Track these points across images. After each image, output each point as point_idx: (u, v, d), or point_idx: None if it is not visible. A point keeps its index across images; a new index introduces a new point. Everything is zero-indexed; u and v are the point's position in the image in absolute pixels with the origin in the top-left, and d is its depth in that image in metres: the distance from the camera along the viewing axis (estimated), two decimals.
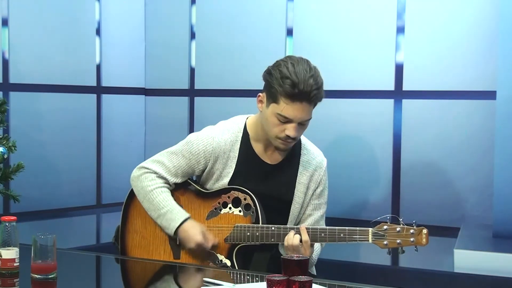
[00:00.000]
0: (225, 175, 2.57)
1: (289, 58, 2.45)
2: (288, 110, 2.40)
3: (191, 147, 2.57)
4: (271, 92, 2.43)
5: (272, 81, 2.42)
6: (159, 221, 2.55)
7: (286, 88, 2.37)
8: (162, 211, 2.53)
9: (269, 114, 2.46)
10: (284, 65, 2.41)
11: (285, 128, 2.44)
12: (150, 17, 4.42)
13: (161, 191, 2.56)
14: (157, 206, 2.54)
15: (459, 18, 3.53)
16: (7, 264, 2.12)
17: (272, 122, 2.45)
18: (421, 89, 3.63)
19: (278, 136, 2.47)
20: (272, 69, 2.45)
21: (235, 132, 2.59)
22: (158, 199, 2.55)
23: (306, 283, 1.78)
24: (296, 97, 2.38)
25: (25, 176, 3.28)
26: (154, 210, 2.56)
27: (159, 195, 2.55)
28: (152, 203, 2.56)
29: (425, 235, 2.34)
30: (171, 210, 2.53)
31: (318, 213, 2.64)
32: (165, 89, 4.40)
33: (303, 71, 2.38)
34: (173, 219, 2.52)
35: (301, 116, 2.42)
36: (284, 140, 2.47)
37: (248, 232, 2.49)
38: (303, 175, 2.61)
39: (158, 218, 2.55)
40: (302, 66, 2.40)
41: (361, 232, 2.39)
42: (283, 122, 2.43)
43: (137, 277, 2.52)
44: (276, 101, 2.42)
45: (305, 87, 2.37)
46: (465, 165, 3.52)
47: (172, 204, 2.55)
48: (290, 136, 2.44)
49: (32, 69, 3.93)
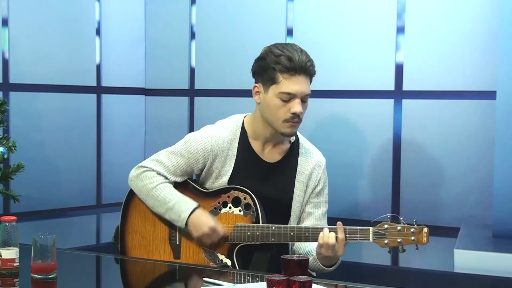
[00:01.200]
0: (224, 173, 2.57)
1: (274, 44, 2.53)
2: (289, 85, 2.44)
3: (189, 146, 2.58)
4: (267, 75, 2.47)
5: (266, 64, 2.47)
6: (168, 215, 2.54)
7: (283, 63, 2.44)
8: (170, 205, 2.53)
9: (270, 98, 2.48)
10: (273, 48, 2.50)
11: (290, 107, 2.46)
12: (150, 17, 4.42)
13: (164, 186, 2.56)
14: (163, 201, 2.54)
15: (459, 18, 3.53)
16: (7, 264, 2.12)
17: (275, 105, 2.47)
18: (421, 89, 3.63)
19: (284, 118, 2.47)
20: (263, 55, 2.50)
21: (233, 130, 2.59)
22: (163, 194, 2.55)
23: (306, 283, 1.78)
24: (294, 70, 2.44)
25: (25, 176, 3.28)
26: (160, 206, 2.55)
27: (163, 190, 2.55)
28: (157, 199, 2.55)
29: (425, 234, 2.34)
30: (179, 202, 2.53)
31: (318, 211, 2.64)
32: (165, 89, 4.40)
33: (292, 48, 2.48)
34: (182, 211, 2.51)
35: (302, 89, 2.46)
36: (291, 121, 2.48)
37: (248, 231, 2.50)
38: (301, 174, 2.61)
39: (166, 212, 2.54)
40: (290, 45, 2.50)
41: (362, 231, 2.39)
42: (286, 101, 2.46)
43: (137, 277, 2.52)
44: (275, 81, 2.46)
45: (300, 59, 2.45)
46: (465, 165, 3.52)
47: (179, 195, 2.55)
48: (296, 112, 2.46)
49: (32, 69, 3.93)
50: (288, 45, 2.51)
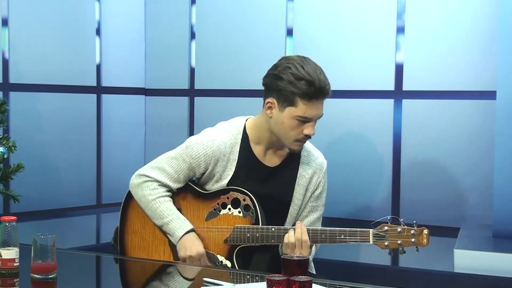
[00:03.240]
0: (224, 177, 2.56)
1: (291, 59, 2.45)
2: (309, 110, 2.42)
3: (191, 151, 2.56)
4: (285, 96, 2.42)
5: (285, 85, 2.41)
6: (164, 229, 2.55)
7: (304, 89, 2.39)
8: (165, 220, 2.53)
9: (285, 118, 2.45)
10: (292, 67, 2.41)
11: (303, 129, 2.45)
12: (150, 17, 4.42)
13: (164, 201, 2.55)
14: (161, 215, 2.54)
15: (459, 18, 3.53)
16: (7, 264, 2.12)
17: (290, 126, 2.45)
18: (421, 89, 3.63)
19: (296, 138, 2.47)
20: (281, 73, 2.43)
21: (234, 135, 2.58)
22: (161, 208, 2.54)
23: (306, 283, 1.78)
24: (314, 95, 2.41)
25: (25, 176, 3.28)
26: (157, 218, 2.55)
27: (161, 205, 2.54)
28: (155, 212, 2.55)
29: (426, 235, 2.34)
30: (176, 220, 2.52)
31: (315, 215, 2.63)
32: (165, 89, 4.40)
33: (312, 69, 2.41)
34: (177, 228, 2.51)
35: (320, 113, 2.46)
36: (302, 141, 2.49)
37: (248, 233, 2.49)
38: (302, 177, 2.60)
39: (162, 226, 2.55)
40: (310, 65, 2.42)
41: (362, 233, 2.39)
42: (301, 124, 2.45)
43: (137, 277, 2.52)
44: (293, 104, 2.42)
45: (320, 84, 2.40)
46: (465, 165, 3.53)
47: (175, 213, 2.54)
48: (310, 134, 2.46)
49: (32, 69, 3.93)
50: (306, 63, 2.42)
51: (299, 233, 2.41)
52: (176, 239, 2.50)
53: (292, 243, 2.41)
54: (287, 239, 2.42)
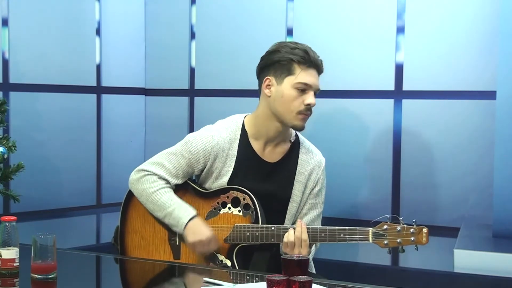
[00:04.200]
0: (224, 173, 2.57)
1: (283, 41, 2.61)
2: (306, 76, 2.49)
3: (190, 147, 2.57)
4: (283, 67, 2.50)
5: (281, 56, 2.50)
6: (167, 219, 2.54)
7: (300, 54, 2.49)
8: (169, 210, 2.53)
9: (285, 89, 2.49)
10: (285, 42, 2.57)
11: (304, 99, 2.49)
12: (150, 17, 4.42)
13: (164, 192, 2.56)
14: (163, 206, 2.54)
15: (459, 18, 3.53)
16: (7, 264, 2.12)
17: (290, 96, 2.49)
18: (421, 89, 3.63)
19: (298, 110, 2.49)
20: (276, 48, 2.54)
21: (233, 131, 2.59)
22: (163, 199, 2.54)
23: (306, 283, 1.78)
24: (310, 63, 2.50)
25: (25, 176, 3.28)
26: (159, 210, 2.55)
27: (163, 196, 2.55)
28: (157, 204, 2.55)
29: (425, 234, 2.34)
30: (179, 207, 2.53)
31: (314, 212, 2.64)
32: (165, 89, 4.40)
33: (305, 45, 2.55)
34: (181, 216, 2.51)
35: (316, 82, 2.52)
36: (304, 113, 2.51)
37: (247, 232, 2.49)
38: (301, 174, 2.61)
39: (165, 217, 2.54)
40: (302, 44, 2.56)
41: (361, 232, 2.40)
42: (301, 93, 2.48)
43: (137, 277, 2.52)
44: (291, 72, 2.49)
45: (313, 54, 2.52)
46: (465, 165, 3.52)
47: (178, 202, 2.54)
48: (311, 104, 2.49)
49: (32, 69, 3.93)
50: (298, 42, 2.56)
51: (299, 232, 2.41)
52: (181, 227, 2.50)
53: (291, 242, 2.41)
54: (287, 238, 2.42)
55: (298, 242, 2.41)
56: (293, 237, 2.42)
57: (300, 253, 2.39)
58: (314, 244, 2.58)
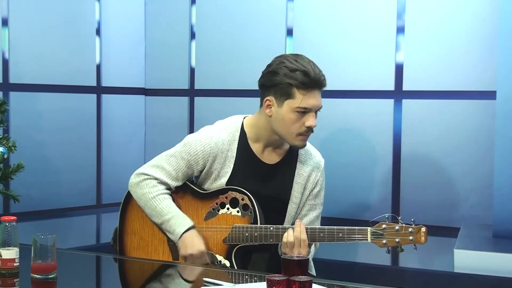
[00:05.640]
0: (223, 174, 2.57)
1: (284, 56, 2.50)
2: (306, 100, 2.43)
3: (189, 148, 2.56)
4: (282, 90, 2.44)
5: (281, 79, 2.44)
6: (164, 226, 2.54)
7: (300, 79, 2.42)
8: (166, 218, 2.53)
9: (285, 113, 2.46)
10: (285, 61, 2.46)
11: (304, 121, 2.45)
12: (150, 17, 4.42)
13: (163, 198, 2.55)
14: (160, 213, 2.54)
15: (459, 18, 3.53)
16: (7, 264, 2.12)
17: (291, 119, 2.46)
18: (421, 89, 3.63)
19: (299, 132, 2.47)
20: (275, 69, 2.46)
21: (232, 132, 2.59)
22: (161, 206, 2.54)
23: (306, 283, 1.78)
24: (310, 85, 2.43)
25: (25, 176, 3.28)
26: (157, 216, 2.55)
27: (161, 202, 2.55)
28: (155, 210, 2.55)
29: (423, 233, 2.34)
30: (176, 217, 2.52)
31: (314, 213, 2.64)
32: (165, 89, 4.40)
33: (306, 62, 2.45)
34: (177, 225, 2.51)
35: (318, 103, 2.46)
36: (305, 134, 2.48)
37: (246, 232, 2.49)
38: (300, 175, 2.61)
39: (162, 224, 2.54)
40: (303, 59, 2.47)
41: (360, 232, 2.39)
42: (301, 115, 2.45)
43: (137, 277, 2.52)
44: (290, 96, 2.44)
45: (315, 74, 2.43)
46: (465, 165, 3.53)
47: (176, 210, 2.54)
48: (312, 126, 2.46)
49: (32, 69, 3.93)
50: (299, 58, 2.47)
51: (298, 232, 2.41)
52: (176, 237, 2.50)
53: (290, 242, 2.41)
54: (286, 238, 2.42)
55: (297, 242, 2.41)
56: (292, 237, 2.41)
57: (300, 253, 2.39)
58: (314, 244, 2.57)
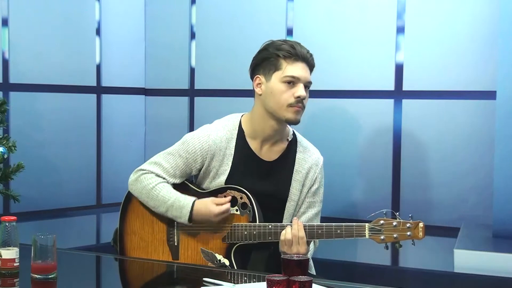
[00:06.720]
0: (221, 172, 2.57)
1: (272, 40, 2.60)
2: (293, 69, 2.49)
3: (187, 146, 2.58)
4: (270, 63, 2.52)
5: (269, 53, 2.53)
6: (169, 213, 2.54)
7: (286, 49, 2.50)
8: (169, 203, 2.53)
9: (274, 84, 2.50)
10: (274, 40, 2.57)
11: (294, 92, 2.49)
12: (150, 17, 4.42)
13: (163, 186, 2.57)
14: (163, 200, 2.54)
15: (459, 18, 3.53)
16: (7, 264, 2.13)
17: (279, 90, 2.49)
18: (421, 89, 3.63)
19: (289, 103, 2.49)
20: (264, 47, 2.56)
21: (230, 130, 2.60)
22: (162, 193, 2.55)
23: (306, 283, 1.78)
24: (296, 56, 2.50)
25: (25, 176, 3.28)
26: (160, 205, 2.55)
27: (162, 190, 2.56)
28: (157, 199, 2.55)
29: (421, 228, 2.34)
30: (178, 198, 2.53)
31: (313, 211, 2.64)
32: (165, 89, 4.40)
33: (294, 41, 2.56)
34: (182, 206, 2.51)
35: (305, 75, 2.51)
36: (296, 105, 2.50)
37: (245, 231, 2.50)
38: (298, 173, 2.61)
39: (168, 211, 2.54)
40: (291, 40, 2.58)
41: (358, 228, 2.40)
42: (290, 86, 2.48)
43: (137, 277, 2.52)
44: (278, 67, 2.50)
45: (300, 48, 2.52)
46: (465, 165, 3.52)
47: (177, 194, 2.55)
48: (301, 96, 2.48)
49: (32, 69, 3.93)
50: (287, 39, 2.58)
51: (296, 230, 2.42)
52: (185, 218, 2.50)
53: (288, 240, 2.41)
54: (284, 236, 2.43)
55: (295, 239, 2.41)
56: (290, 235, 2.42)
57: (298, 250, 2.39)
58: (313, 242, 2.58)
